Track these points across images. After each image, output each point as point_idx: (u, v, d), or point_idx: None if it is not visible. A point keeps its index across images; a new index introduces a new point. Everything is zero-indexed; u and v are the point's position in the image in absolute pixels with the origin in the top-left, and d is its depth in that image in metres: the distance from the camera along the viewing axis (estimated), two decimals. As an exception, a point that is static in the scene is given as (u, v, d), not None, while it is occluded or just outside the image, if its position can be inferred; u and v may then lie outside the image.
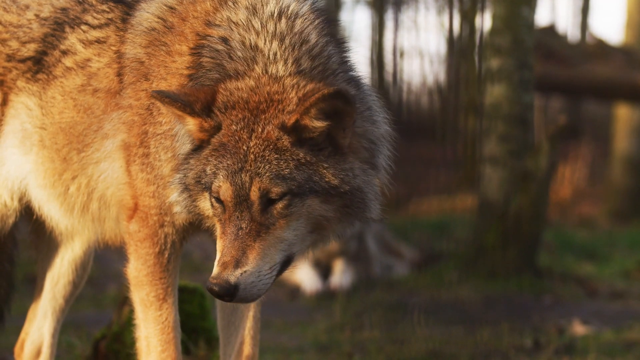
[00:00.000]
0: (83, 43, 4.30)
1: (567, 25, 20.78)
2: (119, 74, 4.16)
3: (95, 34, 4.29)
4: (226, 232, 3.70)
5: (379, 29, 17.98)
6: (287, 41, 3.82)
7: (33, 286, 4.94)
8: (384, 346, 6.56)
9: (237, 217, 3.69)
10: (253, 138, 3.69)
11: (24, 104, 4.39)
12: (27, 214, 4.60)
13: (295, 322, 7.66)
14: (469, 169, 14.44)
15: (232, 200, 3.69)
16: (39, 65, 4.37)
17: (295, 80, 3.74)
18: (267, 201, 3.67)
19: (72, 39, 4.32)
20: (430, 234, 11.36)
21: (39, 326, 4.89)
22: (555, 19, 20.75)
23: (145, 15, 4.12)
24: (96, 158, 4.20)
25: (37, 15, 4.42)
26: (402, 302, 8.00)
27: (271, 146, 3.68)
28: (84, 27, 4.32)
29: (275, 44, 3.82)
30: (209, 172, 3.74)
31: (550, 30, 13.03)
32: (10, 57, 4.41)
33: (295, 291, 9.16)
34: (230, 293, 3.64)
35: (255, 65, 3.79)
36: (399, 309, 7.67)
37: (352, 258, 9.46)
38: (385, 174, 3.97)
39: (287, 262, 3.76)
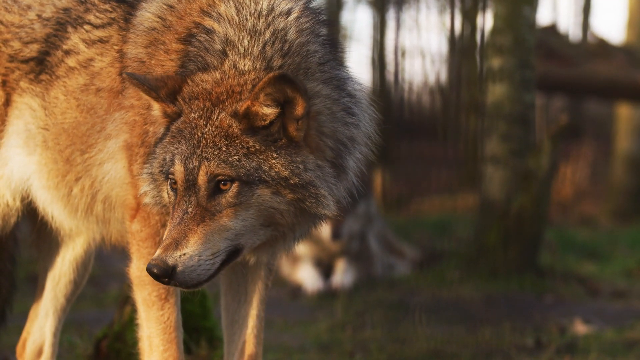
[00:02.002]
0: (86, 43, 4.31)
1: (569, 25, 20.75)
2: (121, 74, 4.17)
3: (98, 33, 4.30)
4: (173, 217, 3.74)
5: (380, 28, 17.97)
6: (260, 38, 3.86)
7: (34, 285, 4.95)
8: (385, 345, 6.56)
9: (185, 201, 3.73)
10: (208, 125, 3.75)
11: (28, 105, 4.39)
12: (29, 213, 4.60)
13: (296, 322, 7.66)
14: (471, 169, 14.44)
15: (182, 185, 3.74)
16: (41, 66, 4.38)
17: (259, 75, 3.78)
18: (215, 188, 3.71)
19: (75, 39, 4.33)
20: (431, 234, 11.36)
21: (41, 325, 4.89)
22: (556, 18, 20.73)
23: (146, 15, 4.13)
24: (100, 159, 4.21)
25: (39, 16, 4.42)
26: (404, 302, 8.00)
27: (222, 133, 3.72)
28: (86, 26, 4.33)
29: (247, 40, 3.86)
30: (167, 159, 3.81)
31: (552, 29, 13.01)
32: (12, 58, 4.41)
33: (296, 290, 9.15)
34: (168, 274, 3.66)
35: (226, 59, 3.85)
36: (401, 308, 7.67)
37: (353, 257, 9.46)
38: (354, 177, 3.97)
39: (234, 253, 3.77)
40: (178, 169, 3.75)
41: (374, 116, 4.09)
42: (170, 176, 3.78)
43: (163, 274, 3.67)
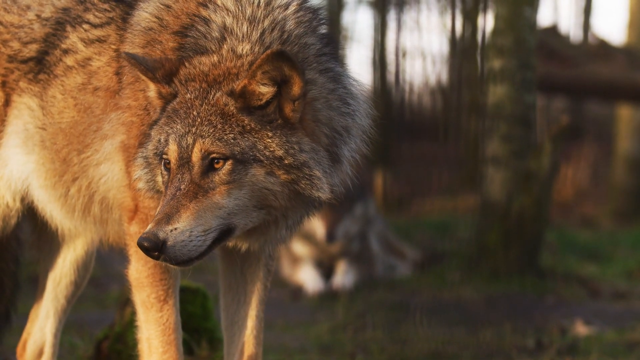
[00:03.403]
0: (84, 42, 4.31)
1: (570, 26, 20.74)
2: (118, 73, 4.18)
3: (97, 32, 4.30)
4: (166, 194, 3.74)
5: (381, 29, 17.97)
6: (260, 25, 3.87)
7: (35, 286, 4.95)
8: (386, 346, 6.56)
9: (179, 179, 3.73)
10: (204, 104, 3.76)
11: (27, 105, 4.39)
12: (30, 214, 4.60)
13: (297, 323, 7.65)
14: (472, 169, 14.44)
15: (176, 163, 3.75)
16: (40, 66, 4.38)
17: (256, 58, 3.79)
18: (209, 165, 3.71)
19: (74, 38, 4.33)
20: (432, 234, 11.36)
21: (41, 326, 4.89)
22: (557, 19, 20.72)
23: (144, 15, 4.14)
24: (96, 160, 4.21)
25: (38, 16, 4.42)
26: (405, 302, 8.00)
27: (218, 111, 3.74)
28: (85, 25, 4.33)
29: (246, 26, 3.87)
30: (162, 140, 3.81)
31: (553, 30, 13.01)
32: (12, 58, 4.41)
33: (297, 291, 9.15)
34: (158, 248, 3.66)
35: (224, 44, 3.86)
36: (402, 309, 7.67)
37: (354, 258, 9.46)
38: (349, 167, 3.96)
39: (227, 232, 3.76)
40: (172, 147, 3.76)
41: (370, 112, 4.10)
42: (164, 156, 3.79)
43: (153, 247, 3.66)
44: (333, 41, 4.05)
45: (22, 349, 4.92)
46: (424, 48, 17.78)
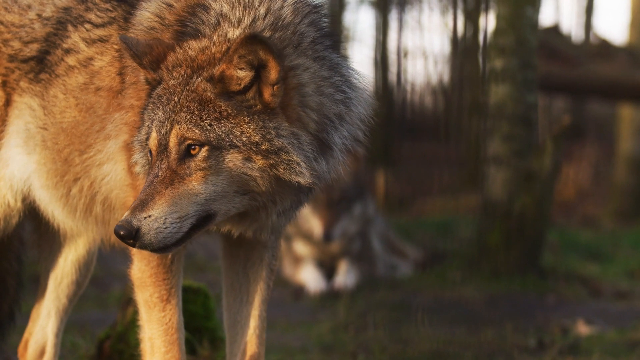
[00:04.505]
0: (86, 41, 4.31)
1: (571, 25, 20.77)
2: (120, 73, 4.18)
3: (99, 32, 4.30)
4: (145, 181, 3.75)
5: (382, 29, 17.99)
6: (253, 12, 3.87)
7: (37, 286, 4.95)
8: (388, 346, 6.56)
9: (157, 165, 3.74)
10: (185, 91, 3.76)
11: (27, 105, 4.39)
12: (31, 214, 4.60)
13: (299, 322, 7.66)
14: (473, 169, 14.45)
15: (156, 149, 3.76)
16: (41, 65, 4.38)
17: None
18: (186, 151, 3.71)
19: (75, 38, 4.33)
20: (434, 234, 11.35)
21: (43, 326, 4.89)
22: (559, 18, 20.74)
23: (146, 15, 4.14)
24: (99, 160, 4.21)
25: (39, 15, 4.42)
26: (406, 302, 8.00)
27: (197, 97, 3.73)
28: (87, 25, 4.33)
29: (240, 11, 3.87)
30: (148, 127, 3.83)
31: (554, 30, 13.01)
32: (12, 58, 4.41)
33: (299, 291, 9.16)
34: (132, 236, 3.66)
35: (217, 29, 3.85)
36: (403, 309, 7.67)
37: (356, 258, 9.47)
38: (340, 154, 3.94)
39: (206, 218, 3.76)
40: (153, 134, 3.78)
41: (369, 101, 4.08)
42: (147, 142, 3.81)
43: (128, 235, 3.66)
44: (333, 34, 4.04)
45: (24, 348, 4.92)
46: (425, 48, 17.81)
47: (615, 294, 8.83)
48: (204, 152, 3.70)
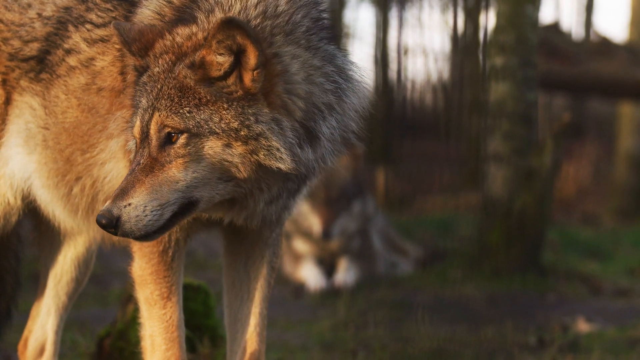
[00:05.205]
0: (87, 42, 4.31)
1: (571, 23, 20.77)
2: (122, 73, 4.18)
3: (100, 32, 4.30)
4: (129, 169, 3.75)
5: (383, 27, 17.98)
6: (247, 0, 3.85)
7: (37, 284, 4.95)
8: (388, 344, 6.56)
9: (140, 153, 3.74)
10: (167, 78, 3.76)
11: (28, 104, 4.39)
12: (31, 212, 4.60)
13: (299, 320, 7.66)
14: (473, 167, 14.45)
15: (139, 138, 3.76)
16: (42, 65, 4.37)
17: None
18: (166, 139, 3.71)
19: (76, 38, 4.33)
20: (434, 232, 11.36)
21: (42, 324, 4.89)
22: (559, 16, 20.75)
23: (146, 13, 4.13)
24: (102, 159, 4.21)
25: (39, 14, 4.41)
26: (407, 300, 8.00)
27: (178, 84, 3.73)
28: (88, 25, 4.33)
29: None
30: (135, 113, 3.83)
31: (555, 27, 13.00)
32: (12, 56, 4.41)
33: (299, 289, 9.16)
34: (113, 225, 3.67)
35: (211, 16, 3.85)
36: (404, 307, 7.67)
37: (356, 256, 9.47)
38: (328, 143, 3.91)
39: (189, 206, 3.75)
40: (136, 123, 3.78)
41: (365, 93, 4.07)
42: (132, 131, 3.82)
43: (108, 223, 3.67)
44: (331, 27, 4.03)
45: (24, 346, 4.92)
46: (425, 45, 17.82)
47: (615, 292, 8.83)
48: (182, 139, 3.70)
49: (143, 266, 4.12)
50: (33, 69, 4.39)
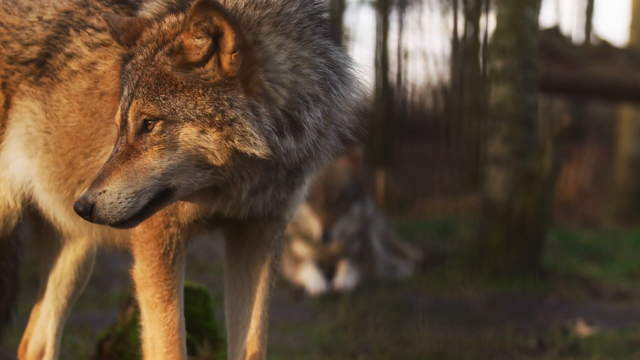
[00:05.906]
0: (89, 46, 4.31)
1: (572, 26, 20.79)
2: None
3: (101, 36, 4.30)
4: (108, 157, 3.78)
5: (383, 29, 18.00)
6: None
7: (36, 286, 4.95)
8: (388, 347, 6.56)
9: (119, 141, 3.76)
10: (147, 66, 3.76)
11: (28, 108, 4.39)
12: (31, 215, 4.60)
13: (299, 323, 7.66)
14: (473, 170, 14.46)
15: (119, 125, 3.78)
16: (42, 68, 4.37)
17: None
18: (143, 126, 3.72)
19: (78, 42, 4.33)
20: (434, 235, 11.36)
21: (42, 326, 4.89)
22: (559, 19, 20.76)
23: (147, 15, 4.13)
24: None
25: (39, 18, 4.41)
26: (407, 303, 8.01)
27: (156, 72, 3.73)
28: (89, 30, 4.33)
29: None
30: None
31: (555, 30, 13.01)
32: (12, 59, 4.41)
33: (299, 292, 9.16)
34: (88, 211, 3.68)
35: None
36: (404, 310, 7.67)
37: (356, 258, 9.47)
38: (312, 132, 3.88)
39: (166, 193, 3.74)
40: (118, 111, 3.80)
41: (361, 88, 4.05)
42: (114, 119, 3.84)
43: (84, 210, 3.68)
44: (328, 22, 4.02)
45: (24, 349, 4.92)
46: (425, 48, 17.84)
47: (615, 295, 8.83)
48: (158, 126, 3.69)
49: (144, 269, 4.12)
50: (33, 72, 4.39)
